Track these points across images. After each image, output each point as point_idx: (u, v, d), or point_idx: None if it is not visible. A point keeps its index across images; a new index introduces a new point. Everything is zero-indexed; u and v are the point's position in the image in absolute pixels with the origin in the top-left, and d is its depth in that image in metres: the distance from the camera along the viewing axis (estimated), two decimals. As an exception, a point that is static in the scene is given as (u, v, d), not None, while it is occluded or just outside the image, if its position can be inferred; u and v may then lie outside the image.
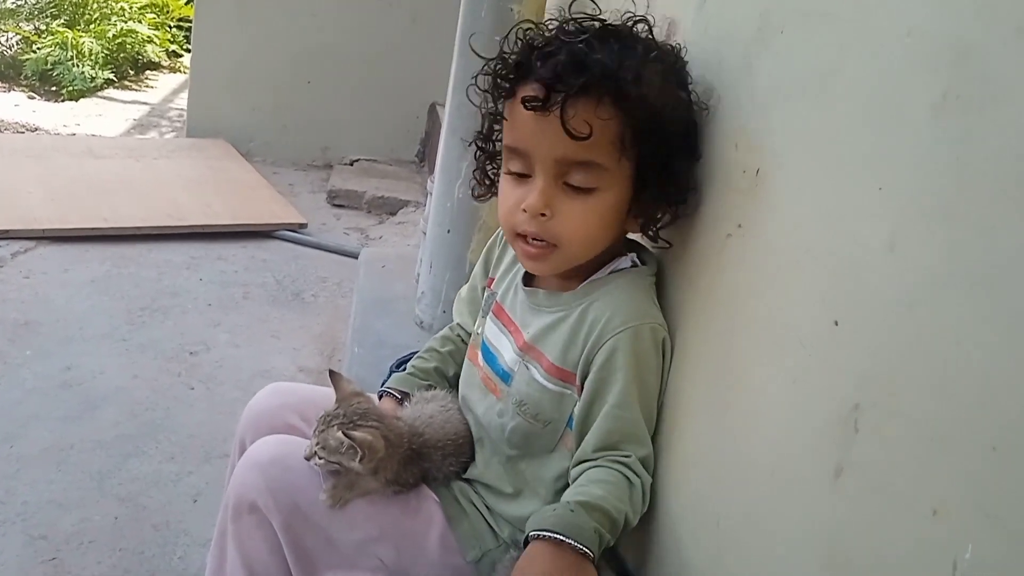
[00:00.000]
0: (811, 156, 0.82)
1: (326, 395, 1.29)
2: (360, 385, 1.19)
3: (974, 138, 0.61)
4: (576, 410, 1.06)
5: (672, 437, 1.05)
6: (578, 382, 1.06)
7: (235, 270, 3.06)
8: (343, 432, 1.05)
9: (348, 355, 2.19)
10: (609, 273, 1.10)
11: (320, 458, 1.07)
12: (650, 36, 1.06)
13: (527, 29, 1.05)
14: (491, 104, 1.11)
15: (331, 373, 1.18)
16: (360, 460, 1.05)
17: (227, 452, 1.29)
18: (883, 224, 0.69)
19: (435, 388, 1.27)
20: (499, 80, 1.06)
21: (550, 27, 1.05)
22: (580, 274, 1.11)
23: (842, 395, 0.72)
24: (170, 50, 6.11)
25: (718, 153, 1.01)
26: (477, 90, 1.10)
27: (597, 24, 1.04)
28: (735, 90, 0.99)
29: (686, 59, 1.07)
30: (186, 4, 5.93)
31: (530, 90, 0.99)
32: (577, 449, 1.06)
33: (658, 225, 1.07)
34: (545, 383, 1.09)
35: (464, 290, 1.37)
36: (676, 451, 1.04)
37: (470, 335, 1.30)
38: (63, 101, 5.11)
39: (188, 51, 5.13)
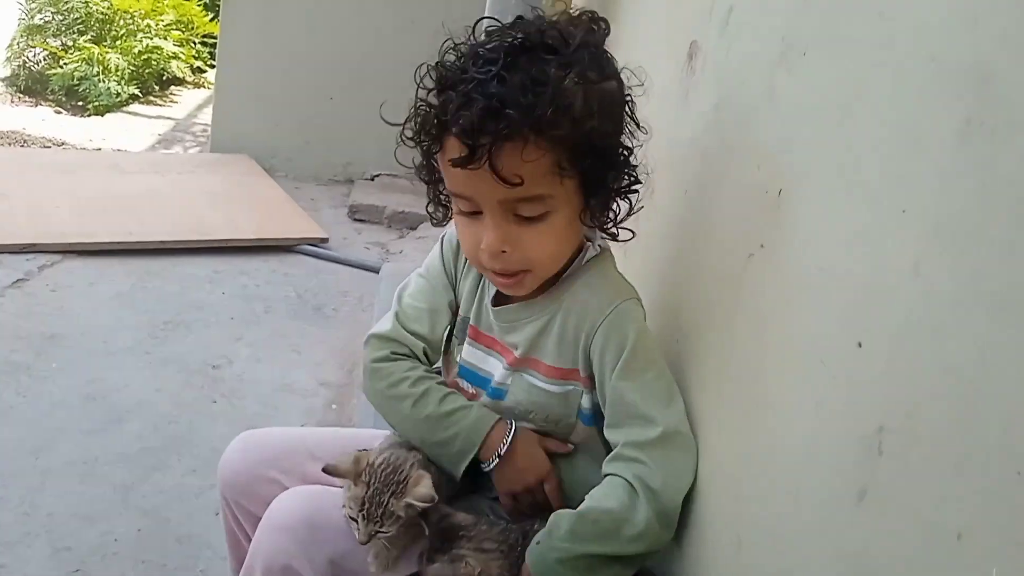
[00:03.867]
0: (834, 178, 0.82)
1: (298, 436, 1.30)
2: (350, 451, 1.13)
3: (998, 163, 0.61)
4: (587, 404, 1.10)
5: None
6: (583, 375, 1.09)
7: (257, 284, 3.09)
8: (403, 502, 1.04)
9: (369, 370, 2.19)
10: (583, 265, 1.11)
11: (383, 534, 1.04)
12: (560, 36, 0.99)
13: (438, 62, 1.01)
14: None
15: (325, 469, 1.09)
16: (434, 502, 1.04)
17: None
18: (907, 247, 0.69)
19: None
20: (421, 137, 1.04)
21: (464, 49, 1.01)
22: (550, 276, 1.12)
23: (866, 417, 0.72)
24: (195, 66, 6.20)
25: (740, 173, 1.02)
26: (404, 140, 1.07)
27: (503, 43, 0.98)
28: (757, 111, 0.99)
29: (603, 27, 1.04)
30: (211, 21, 6.02)
31: (453, 148, 0.98)
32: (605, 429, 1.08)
33: (616, 220, 1.09)
34: (547, 386, 1.11)
35: (416, 297, 1.22)
36: (698, 472, 1.04)
37: (427, 345, 1.21)
38: (89, 116, 5.19)
39: (213, 67, 5.20)
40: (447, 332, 1.23)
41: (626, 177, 1.06)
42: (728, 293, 1.01)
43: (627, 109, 1.05)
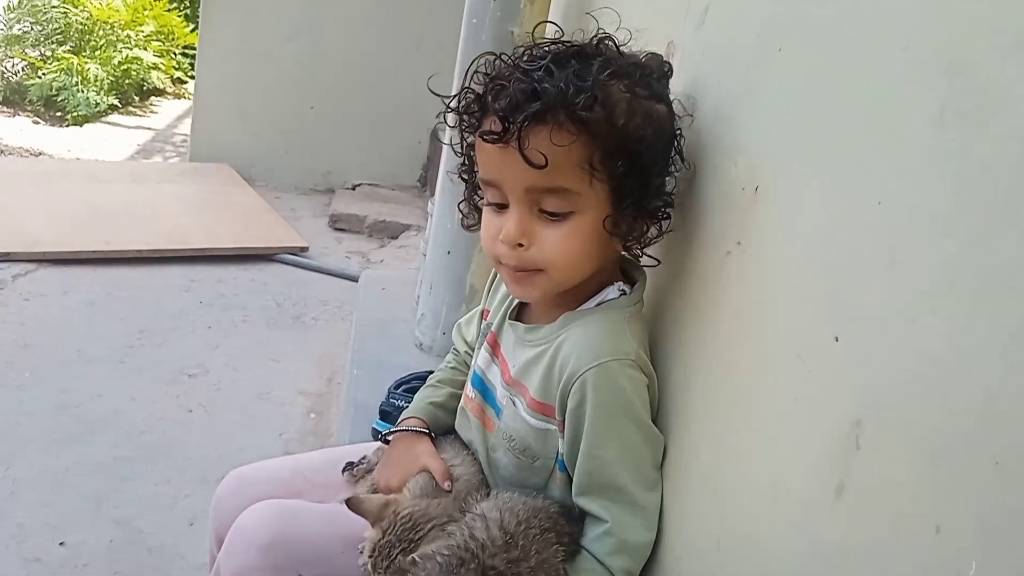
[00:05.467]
0: (810, 172, 0.82)
1: (290, 465, 1.27)
2: (378, 495, 1.10)
3: (973, 151, 0.60)
4: (562, 450, 1.06)
5: (672, 457, 1.04)
6: (558, 417, 1.04)
7: (235, 293, 3.06)
8: (409, 558, 0.99)
9: (347, 377, 2.18)
10: (595, 305, 1.08)
11: None
12: (617, 51, 1.02)
13: (487, 62, 1.04)
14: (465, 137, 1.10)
15: (348, 503, 1.07)
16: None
17: (223, 475, 1.27)
18: (882, 238, 0.69)
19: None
20: (463, 116, 1.06)
21: (512, 55, 1.03)
22: (566, 304, 1.09)
23: (843, 411, 0.71)
24: (175, 77, 6.17)
25: (717, 171, 1.01)
26: (446, 127, 1.10)
27: (558, 48, 1.01)
28: (735, 108, 0.99)
29: (666, 69, 1.07)
30: (192, 32, 5.99)
31: (488, 124, 1.00)
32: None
33: (643, 243, 1.06)
34: (528, 418, 1.08)
35: (465, 316, 1.39)
36: (676, 471, 1.03)
37: (468, 347, 1.31)
38: (68, 126, 5.15)
39: (193, 78, 5.18)
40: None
41: (659, 201, 1.04)
42: (706, 292, 1.01)
43: (675, 139, 1.05)
